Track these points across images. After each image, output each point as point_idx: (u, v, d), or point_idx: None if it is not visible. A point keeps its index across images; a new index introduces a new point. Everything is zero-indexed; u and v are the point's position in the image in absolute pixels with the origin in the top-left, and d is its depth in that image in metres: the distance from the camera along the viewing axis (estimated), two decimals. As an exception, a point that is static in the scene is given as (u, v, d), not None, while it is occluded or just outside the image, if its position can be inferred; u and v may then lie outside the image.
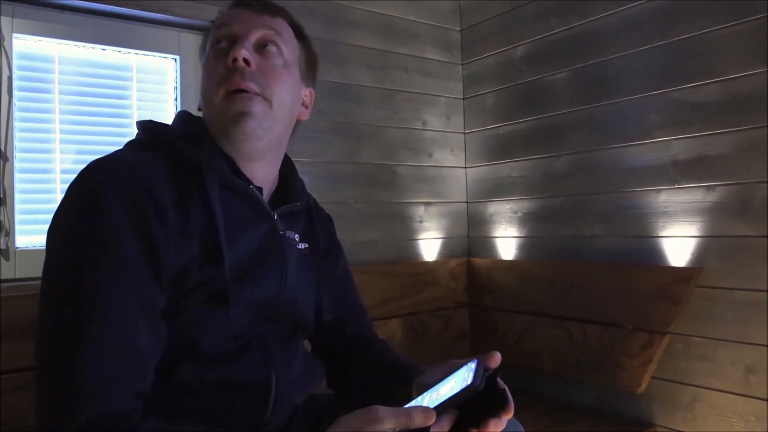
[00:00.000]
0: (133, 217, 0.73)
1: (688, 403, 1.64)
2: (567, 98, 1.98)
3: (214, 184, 0.82)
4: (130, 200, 0.73)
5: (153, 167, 0.78)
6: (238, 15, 0.90)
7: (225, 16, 0.91)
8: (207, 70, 0.88)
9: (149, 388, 0.73)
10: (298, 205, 0.97)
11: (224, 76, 0.85)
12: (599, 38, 1.88)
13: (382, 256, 2.12)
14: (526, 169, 2.13)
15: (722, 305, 1.58)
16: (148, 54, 1.76)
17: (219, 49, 0.88)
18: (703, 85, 1.62)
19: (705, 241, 1.62)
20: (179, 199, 0.78)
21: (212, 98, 0.86)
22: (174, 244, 0.76)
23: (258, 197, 0.88)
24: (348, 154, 2.07)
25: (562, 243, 2.00)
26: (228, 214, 0.83)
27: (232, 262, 0.81)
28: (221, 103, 0.85)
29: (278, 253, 0.89)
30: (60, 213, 0.76)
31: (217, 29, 0.89)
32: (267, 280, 0.87)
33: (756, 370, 1.51)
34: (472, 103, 2.35)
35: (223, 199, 0.83)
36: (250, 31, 0.88)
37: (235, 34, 0.88)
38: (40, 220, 1.56)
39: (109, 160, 0.78)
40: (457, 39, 2.39)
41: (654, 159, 1.74)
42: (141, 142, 0.86)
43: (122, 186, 0.73)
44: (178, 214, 0.77)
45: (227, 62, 0.85)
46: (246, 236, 0.85)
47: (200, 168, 0.82)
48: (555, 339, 1.91)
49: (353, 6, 2.11)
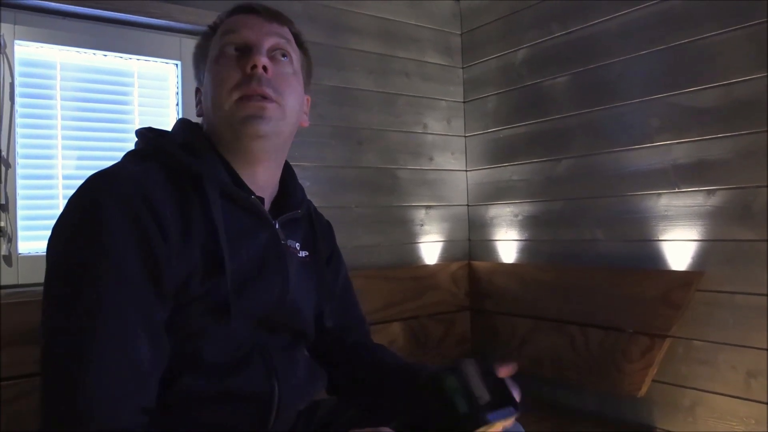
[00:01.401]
0: (134, 231, 0.72)
1: (688, 407, 1.64)
2: (568, 102, 1.99)
3: (215, 194, 0.82)
4: (130, 213, 0.73)
5: (153, 179, 0.78)
6: (248, 22, 0.89)
7: (233, 22, 0.90)
8: (217, 77, 0.87)
9: (153, 402, 0.73)
10: (299, 212, 0.98)
11: (239, 82, 0.85)
12: (600, 43, 1.88)
13: (384, 260, 2.13)
14: (527, 173, 2.13)
15: (723, 309, 1.58)
16: (149, 60, 1.76)
17: (230, 55, 0.87)
18: (704, 90, 1.62)
19: (706, 245, 1.63)
20: (180, 210, 0.78)
21: (223, 103, 0.85)
22: (175, 256, 0.76)
23: (259, 206, 0.88)
24: (349, 159, 2.08)
25: (563, 247, 2.01)
26: (229, 223, 0.83)
27: (233, 272, 0.81)
28: (234, 107, 0.85)
29: (279, 263, 0.89)
30: (60, 227, 0.75)
31: (226, 35, 0.89)
32: (268, 290, 0.87)
33: (757, 374, 1.51)
34: (473, 107, 2.35)
35: (224, 208, 0.83)
36: (262, 39, 0.88)
37: (247, 42, 0.87)
38: (42, 226, 1.57)
39: (109, 172, 0.78)
40: (457, 43, 2.39)
41: (655, 163, 1.74)
42: (140, 153, 0.86)
43: (122, 199, 0.73)
44: (178, 225, 0.77)
45: (244, 69, 0.85)
46: (247, 246, 0.85)
47: (201, 178, 0.82)
48: (556, 343, 1.91)
49: (354, 11, 2.11)
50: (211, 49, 0.92)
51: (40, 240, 1.56)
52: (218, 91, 0.86)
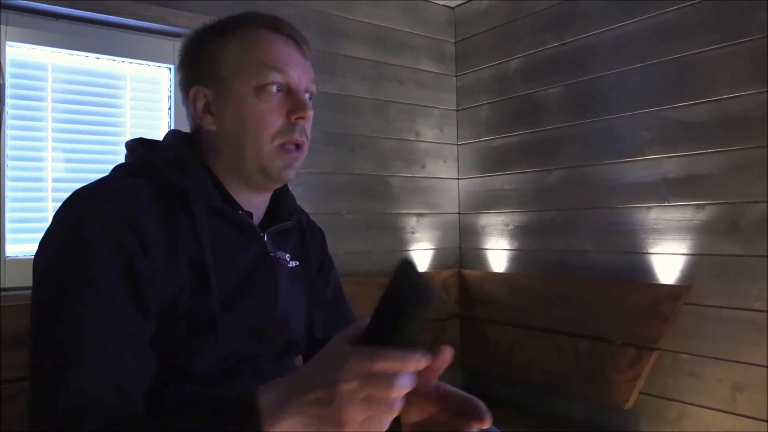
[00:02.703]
0: (117, 254, 0.73)
1: (675, 419, 1.66)
2: (560, 113, 2.00)
3: (201, 211, 0.82)
4: (113, 236, 0.73)
5: (137, 198, 0.78)
6: (290, 58, 0.87)
7: (274, 51, 0.86)
8: (261, 117, 0.84)
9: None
10: (289, 224, 0.97)
11: (283, 129, 0.85)
12: (593, 55, 1.89)
13: (374, 267, 2.12)
14: (519, 182, 2.14)
15: (710, 323, 1.59)
16: (142, 63, 1.75)
17: (273, 95, 0.85)
18: (695, 105, 1.64)
19: (694, 258, 1.64)
20: (166, 228, 0.78)
21: (262, 145, 0.84)
22: (160, 276, 0.76)
23: (247, 221, 0.88)
24: (342, 165, 2.08)
25: (553, 256, 2.01)
26: (216, 239, 0.83)
27: (221, 288, 0.81)
28: (275, 153, 0.85)
29: (268, 276, 0.89)
30: (44, 248, 0.76)
31: (268, 71, 0.84)
32: (257, 303, 0.87)
33: (742, 387, 1.52)
34: (466, 115, 2.36)
35: (212, 224, 0.83)
36: (303, 83, 0.87)
37: (291, 85, 0.86)
38: (30, 228, 1.55)
39: (94, 191, 0.78)
40: (451, 51, 2.39)
41: (645, 176, 1.75)
42: (128, 167, 0.86)
43: (105, 222, 0.73)
44: (164, 244, 0.77)
45: (289, 117, 0.85)
46: (235, 260, 0.85)
47: (187, 196, 0.82)
48: (545, 352, 1.92)
49: (348, 17, 2.11)
50: (229, 57, 0.86)
51: (28, 243, 1.54)
52: (260, 133, 0.84)
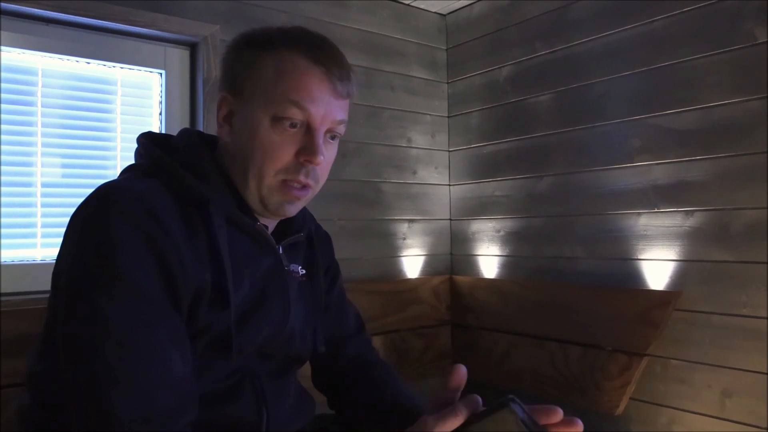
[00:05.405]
0: (149, 250, 0.71)
1: (665, 425, 1.66)
2: (550, 120, 2.01)
3: (221, 221, 0.80)
4: (144, 233, 0.71)
5: (160, 199, 0.75)
6: (318, 96, 0.81)
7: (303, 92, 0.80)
8: (269, 149, 0.80)
9: (196, 417, 0.72)
10: (302, 235, 0.96)
11: (288, 167, 0.81)
12: (583, 63, 1.91)
13: (366, 274, 2.12)
14: (509, 189, 2.15)
15: (700, 329, 1.60)
16: (133, 68, 1.75)
17: (286, 129, 0.81)
18: (684, 112, 1.65)
19: (683, 265, 1.65)
20: (188, 232, 0.76)
21: (264, 176, 0.81)
22: (188, 277, 0.74)
23: (264, 233, 0.86)
24: (333, 171, 2.02)
25: (544, 263, 2.02)
26: (233, 248, 0.81)
27: (236, 304, 0.80)
28: (275, 187, 0.82)
29: (282, 291, 0.88)
30: (70, 249, 0.73)
31: (290, 106, 0.80)
32: (269, 321, 0.86)
33: (731, 393, 1.53)
34: (457, 122, 2.37)
35: (229, 234, 0.81)
36: (326, 124, 0.82)
37: (311, 125, 0.81)
38: (19, 234, 1.53)
39: (116, 190, 0.74)
40: (443, 58, 2.41)
41: (634, 183, 1.76)
42: (143, 168, 0.82)
43: (133, 218, 0.71)
44: (187, 247, 0.75)
45: (298, 156, 0.81)
46: (250, 273, 0.84)
47: (207, 204, 0.79)
48: (536, 359, 1.92)
49: (340, 24, 2.12)
50: (258, 76, 0.82)
51: (17, 248, 1.53)
52: (265, 164, 0.81)
